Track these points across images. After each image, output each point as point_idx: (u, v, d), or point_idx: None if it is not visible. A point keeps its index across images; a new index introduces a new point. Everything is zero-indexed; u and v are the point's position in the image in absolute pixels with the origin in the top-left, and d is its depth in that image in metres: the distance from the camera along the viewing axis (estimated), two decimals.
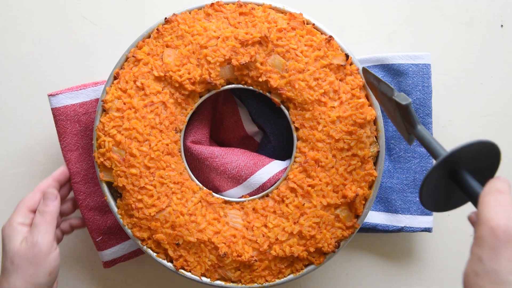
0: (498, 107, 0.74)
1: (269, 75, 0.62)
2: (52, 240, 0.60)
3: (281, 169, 0.66)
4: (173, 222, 0.62)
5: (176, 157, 0.64)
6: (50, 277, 0.59)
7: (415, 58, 0.68)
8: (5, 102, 0.75)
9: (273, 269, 0.63)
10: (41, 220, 0.60)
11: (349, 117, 0.61)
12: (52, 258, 0.59)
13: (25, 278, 0.58)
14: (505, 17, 0.74)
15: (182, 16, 0.63)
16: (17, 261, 0.58)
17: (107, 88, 0.63)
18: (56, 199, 0.62)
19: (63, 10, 0.75)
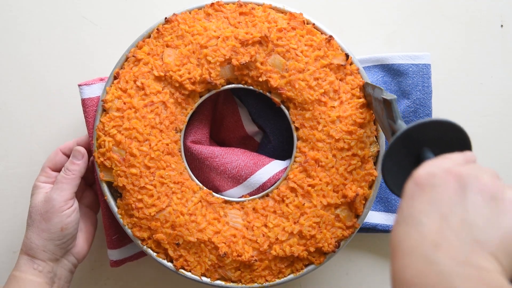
0: (498, 107, 0.74)
1: (269, 75, 0.62)
2: (68, 198, 0.61)
3: (281, 169, 0.66)
4: (173, 222, 0.62)
5: (176, 157, 0.64)
6: (62, 233, 0.60)
7: (415, 58, 0.68)
8: (5, 102, 0.75)
9: (273, 269, 0.63)
10: (63, 177, 0.62)
11: (349, 117, 0.61)
12: (65, 215, 0.60)
13: (38, 233, 0.60)
14: (505, 17, 0.74)
15: (182, 16, 0.63)
16: (34, 216, 0.61)
17: (107, 88, 0.63)
18: (83, 158, 0.63)
19: (63, 10, 0.75)
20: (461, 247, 0.36)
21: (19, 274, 0.59)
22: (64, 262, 0.62)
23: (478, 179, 0.39)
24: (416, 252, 0.37)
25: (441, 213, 0.38)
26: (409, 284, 0.36)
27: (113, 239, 0.68)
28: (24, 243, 0.61)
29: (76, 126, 0.75)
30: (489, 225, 0.37)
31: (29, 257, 0.60)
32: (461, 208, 0.38)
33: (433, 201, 0.39)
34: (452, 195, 0.39)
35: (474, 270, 0.35)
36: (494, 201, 0.38)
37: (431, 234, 0.37)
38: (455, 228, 0.37)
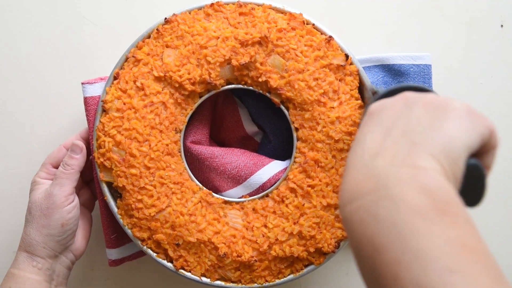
0: (498, 107, 0.74)
1: (269, 75, 0.62)
2: (69, 193, 0.61)
3: (281, 169, 0.66)
4: (173, 222, 0.62)
5: (176, 157, 0.64)
6: (63, 229, 0.60)
7: (416, 59, 0.68)
8: (5, 102, 0.75)
9: (273, 269, 0.63)
10: (62, 172, 0.61)
11: (349, 118, 0.61)
12: (65, 211, 0.60)
13: (38, 229, 0.60)
14: (505, 17, 0.74)
15: (182, 16, 0.63)
16: (33, 212, 0.60)
17: (107, 88, 0.63)
18: (82, 152, 0.63)
19: (63, 10, 0.75)
20: (398, 151, 0.36)
21: (18, 272, 0.59)
22: (63, 259, 0.62)
23: (424, 96, 0.40)
24: (357, 164, 0.37)
25: (385, 128, 0.38)
26: (350, 193, 0.36)
27: (111, 238, 0.68)
28: (23, 239, 0.60)
29: (76, 126, 0.75)
30: (429, 129, 0.37)
31: (28, 254, 0.60)
32: (403, 120, 0.38)
33: (379, 121, 0.39)
34: (397, 112, 0.39)
35: (410, 169, 0.34)
36: (438, 110, 0.38)
37: (373, 146, 0.37)
38: (395, 137, 0.37)
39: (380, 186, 0.35)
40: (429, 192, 0.33)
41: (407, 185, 0.34)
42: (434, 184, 0.34)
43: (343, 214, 0.37)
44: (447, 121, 0.37)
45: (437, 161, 0.35)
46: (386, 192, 0.34)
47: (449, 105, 0.38)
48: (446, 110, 0.38)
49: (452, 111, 0.38)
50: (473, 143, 0.37)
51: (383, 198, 0.34)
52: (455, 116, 0.37)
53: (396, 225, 0.33)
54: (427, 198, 0.33)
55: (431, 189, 0.34)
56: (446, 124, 0.37)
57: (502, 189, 0.74)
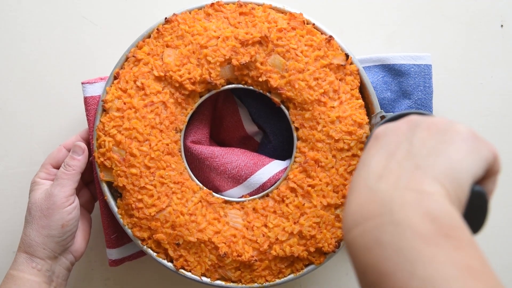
0: (498, 107, 0.74)
1: (269, 75, 0.62)
2: (69, 194, 0.60)
3: (281, 169, 0.66)
4: (173, 222, 0.62)
5: (176, 157, 0.64)
6: (63, 230, 0.60)
7: (416, 59, 0.68)
8: (5, 102, 0.75)
9: (273, 269, 0.63)
10: (63, 173, 0.61)
11: (349, 117, 0.61)
12: (66, 212, 0.60)
13: (38, 229, 0.59)
14: (505, 17, 0.74)
15: (182, 16, 0.63)
16: (33, 212, 0.60)
17: (107, 88, 0.63)
18: (83, 153, 0.62)
19: (63, 10, 0.75)
20: (402, 174, 0.36)
21: (17, 273, 0.59)
22: (62, 260, 0.62)
23: (428, 119, 0.39)
24: (361, 186, 0.37)
25: (389, 151, 0.38)
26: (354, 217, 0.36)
27: (111, 238, 0.67)
28: (23, 240, 0.60)
29: (76, 126, 0.75)
30: (433, 153, 0.36)
31: (27, 255, 0.59)
32: (407, 143, 0.38)
33: (384, 144, 0.39)
34: (401, 135, 0.39)
35: (414, 194, 0.34)
36: (442, 134, 0.38)
37: (377, 169, 0.37)
38: (400, 160, 0.37)
39: (384, 211, 0.34)
40: (434, 217, 0.33)
41: (411, 209, 0.33)
42: (438, 209, 0.33)
43: (347, 239, 0.36)
44: (452, 145, 0.37)
45: (441, 185, 0.35)
46: (391, 216, 0.34)
47: (453, 129, 0.38)
48: (450, 133, 0.38)
49: (456, 135, 0.37)
50: (478, 169, 0.37)
51: (388, 223, 0.33)
52: (459, 140, 0.37)
53: (401, 251, 0.32)
54: (432, 223, 0.33)
55: (435, 214, 0.33)
56: (451, 148, 0.37)
57: (502, 189, 0.74)
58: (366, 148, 0.41)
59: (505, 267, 0.74)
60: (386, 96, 0.69)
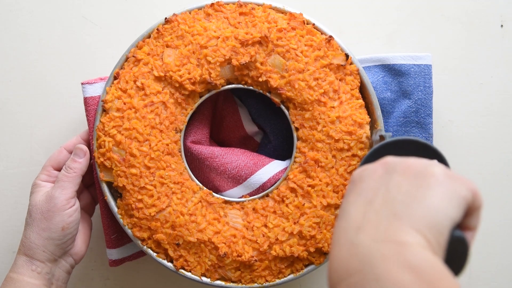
0: (498, 107, 0.74)
1: (269, 75, 0.62)
2: (70, 196, 0.60)
3: (281, 169, 0.66)
4: (173, 222, 0.62)
5: (176, 157, 0.64)
6: (63, 232, 0.59)
7: (416, 59, 0.68)
8: (5, 102, 0.75)
9: (273, 269, 0.63)
10: (64, 175, 0.61)
11: (349, 117, 0.61)
12: (66, 214, 0.59)
13: (38, 232, 0.59)
14: (505, 17, 0.74)
15: (182, 16, 0.63)
16: (34, 214, 0.60)
17: (107, 88, 0.63)
18: (85, 156, 0.62)
19: (64, 10, 0.75)
20: (380, 224, 0.35)
21: (16, 276, 0.58)
22: (62, 263, 0.62)
23: (404, 162, 0.39)
24: (342, 239, 0.36)
25: (367, 199, 0.37)
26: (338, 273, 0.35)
27: (112, 238, 0.67)
28: (23, 242, 0.60)
29: (76, 126, 0.75)
30: (410, 200, 0.35)
31: (27, 257, 0.59)
32: (384, 189, 0.37)
33: (361, 191, 0.38)
34: (377, 181, 0.38)
35: (393, 246, 0.33)
36: (418, 178, 0.37)
37: (356, 219, 0.36)
38: (377, 208, 0.36)
39: (365, 266, 0.33)
40: (415, 269, 0.32)
41: (392, 262, 0.32)
42: (419, 260, 0.32)
43: None
44: (428, 190, 0.36)
45: (421, 234, 0.34)
46: (372, 271, 0.33)
47: (429, 172, 0.37)
48: (426, 177, 0.37)
49: (432, 178, 0.36)
50: (456, 212, 0.36)
51: (370, 279, 0.33)
52: (435, 184, 0.36)
53: None
54: (414, 275, 0.32)
55: (416, 265, 0.32)
56: (427, 193, 0.36)
57: (502, 189, 0.74)
58: (345, 194, 0.40)
59: (505, 267, 0.74)
60: (386, 96, 0.69)
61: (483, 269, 0.74)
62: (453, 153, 0.74)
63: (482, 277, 0.74)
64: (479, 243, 0.74)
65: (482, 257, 0.74)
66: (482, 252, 0.74)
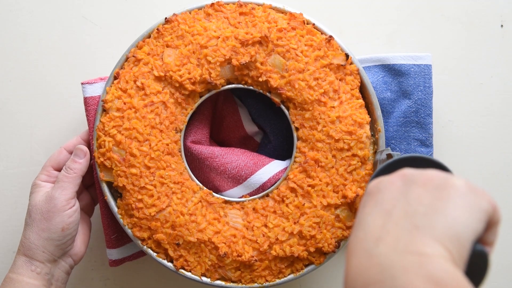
0: (498, 107, 0.74)
1: (269, 75, 0.62)
2: (70, 197, 0.60)
3: (281, 169, 0.66)
4: (173, 222, 0.62)
5: (176, 157, 0.64)
6: (63, 233, 0.59)
7: (416, 59, 0.68)
8: (5, 102, 0.75)
9: (273, 269, 0.63)
10: (64, 176, 0.61)
11: (349, 117, 0.61)
12: (66, 215, 0.59)
13: (38, 232, 0.59)
14: (505, 17, 0.74)
15: (182, 16, 0.63)
16: (34, 215, 0.60)
17: (107, 88, 0.63)
18: (85, 156, 0.62)
19: (63, 10, 0.75)
20: (401, 236, 0.34)
21: (16, 277, 0.58)
22: (62, 264, 0.62)
23: (424, 174, 0.38)
24: (360, 249, 0.36)
25: (385, 210, 0.37)
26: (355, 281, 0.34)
27: (112, 238, 0.67)
28: (22, 243, 0.60)
29: (76, 126, 0.75)
30: (431, 212, 0.35)
31: (27, 258, 0.59)
32: (403, 201, 0.37)
33: (379, 202, 0.38)
34: (396, 192, 0.38)
35: (414, 257, 0.33)
36: (438, 190, 0.36)
37: (375, 230, 0.36)
38: (397, 220, 0.36)
39: (385, 276, 0.33)
40: (437, 281, 0.32)
41: (413, 274, 0.32)
42: (441, 272, 0.32)
43: None
44: (449, 201, 0.35)
45: (443, 246, 0.34)
46: (393, 282, 0.32)
47: (449, 184, 0.37)
48: (447, 189, 0.36)
49: (453, 190, 0.36)
50: (478, 224, 0.35)
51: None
52: (457, 196, 0.36)
53: None
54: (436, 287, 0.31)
55: (438, 277, 0.32)
56: (449, 205, 0.35)
57: (502, 189, 0.74)
58: (360, 205, 0.40)
59: (505, 267, 0.74)
60: (386, 96, 0.69)
61: None
62: (453, 153, 0.74)
63: None
64: None
65: None
66: None
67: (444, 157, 0.74)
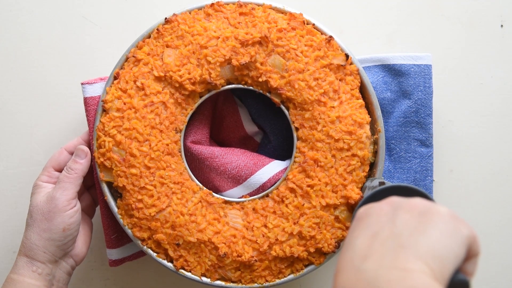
0: (498, 107, 0.74)
1: (269, 75, 0.62)
2: (71, 198, 0.60)
3: (281, 169, 0.66)
4: (173, 222, 0.62)
5: (176, 157, 0.64)
6: (64, 233, 0.59)
7: (416, 59, 0.68)
8: (5, 102, 0.75)
9: (273, 269, 0.63)
10: (65, 176, 0.61)
11: (349, 117, 0.61)
12: (67, 215, 0.59)
13: (39, 233, 0.59)
14: (505, 17, 0.74)
15: (182, 16, 0.63)
16: (35, 215, 0.60)
17: (107, 88, 0.63)
18: (86, 157, 0.62)
19: (63, 10, 0.75)
20: (386, 254, 0.37)
21: (17, 277, 0.58)
22: (63, 264, 0.62)
23: (410, 201, 0.41)
24: (348, 266, 0.38)
25: (373, 232, 0.40)
26: None
27: (112, 238, 0.67)
28: (23, 243, 0.60)
29: (76, 126, 0.75)
30: (416, 233, 0.38)
31: (28, 258, 0.59)
32: (390, 224, 0.40)
33: (367, 225, 0.41)
34: (383, 217, 0.41)
35: (398, 272, 0.35)
36: (423, 215, 0.39)
37: (362, 250, 0.39)
38: (383, 241, 0.38)
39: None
40: None
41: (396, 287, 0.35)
42: (422, 285, 0.34)
43: None
44: (433, 225, 0.38)
45: (425, 263, 0.36)
46: None
47: (434, 210, 0.40)
48: (431, 214, 0.39)
49: (437, 216, 0.39)
50: (459, 248, 0.38)
51: None
52: (440, 221, 0.39)
53: None
54: None
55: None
56: (432, 228, 0.38)
57: (502, 189, 0.74)
58: (350, 229, 0.43)
59: (505, 267, 0.74)
60: (386, 96, 0.69)
61: (483, 269, 0.74)
62: (453, 153, 0.74)
63: (482, 277, 0.74)
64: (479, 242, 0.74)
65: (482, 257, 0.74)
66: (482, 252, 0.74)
67: (444, 157, 0.74)
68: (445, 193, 0.74)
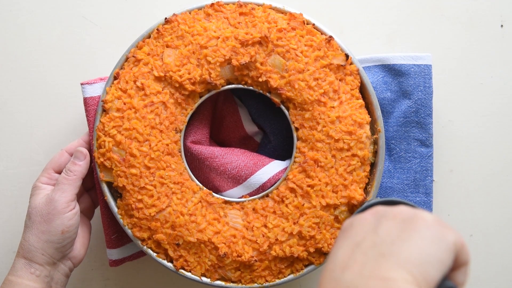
0: (498, 107, 0.74)
1: (269, 75, 0.62)
2: (70, 200, 0.60)
3: (281, 169, 0.66)
4: (173, 222, 0.62)
5: (176, 157, 0.64)
6: (63, 235, 0.59)
7: (416, 59, 0.68)
8: (5, 102, 0.75)
9: (273, 269, 0.63)
10: (64, 178, 0.61)
11: (349, 117, 0.61)
12: (66, 217, 0.59)
13: (38, 234, 0.59)
14: (505, 17, 0.74)
15: (182, 16, 0.63)
16: (33, 217, 0.60)
17: (107, 88, 0.63)
18: (85, 158, 0.62)
19: (63, 10, 0.75)
20: (367, 263, 0.36)
21: (15, 279, 0.58)
22: (61, 267, 0.61)
23: (394, 209, 0.40)
24: (328, 278, 0.37)
25: (355, 242, 0.39)
26: None
27: (112, 238, 0.67)
28: (22, 245, 0.59)
29: (76, 126, 0.75)
30: (398, 241, 0.37)
31: (26, 260, 0.59)
32: (373, 234, 0.39)
33: (349, 236, 0.40)
34: (367, 227, 0.40)
35: (378, 282, 0.34)
36: (406, 222, 0.38)
37: (343, 260, 0.38)
38: (365, 250, 0.37)
39: None
40: None
41: None
42: None
43: None
44: (416, 232, 0.37)
45: (407, 271, 0.35)
46: None
47: (418, 216, 0.38)
48: (415, 221, 0.38)
49: (420, 222, 0.38)
50: (445, 255, 0.37)
51: None
52: (423, 227, 0.37)
53: None
54: None
55: None
56: (415, 235, 0.37)
57: (502, 189, 0.74)
58: (335, 241, 0.42)
59: (505, 267, 0.74)
60: (386, 96, 0.69)
61: (483, 269, 0.74)
62: (453, 153, 0.74)
63: (482, 278, 0.74)
64: (479, 243, 0.74)
65: (482, 257, 0.74)
66: (482, 252, 0.74)
67: (444, 157, 0.74)
68: (445, 193, 0.74)
